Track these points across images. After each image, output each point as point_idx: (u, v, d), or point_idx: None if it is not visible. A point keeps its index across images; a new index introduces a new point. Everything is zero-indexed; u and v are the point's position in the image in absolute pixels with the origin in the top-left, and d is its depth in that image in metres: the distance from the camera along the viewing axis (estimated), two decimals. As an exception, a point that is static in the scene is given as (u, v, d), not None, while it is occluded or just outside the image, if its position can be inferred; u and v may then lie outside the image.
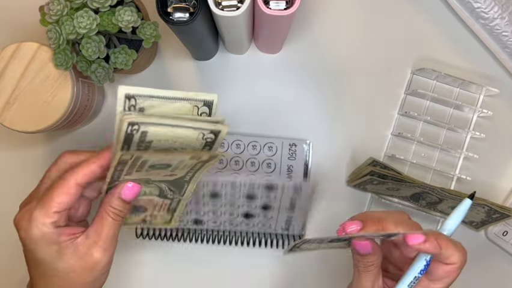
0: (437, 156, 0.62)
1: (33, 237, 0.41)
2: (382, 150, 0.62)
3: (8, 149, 0.63)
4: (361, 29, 0.62)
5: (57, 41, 0.49)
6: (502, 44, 0.59)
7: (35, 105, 0.51)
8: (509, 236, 0.60)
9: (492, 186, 0.61)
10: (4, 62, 0.51)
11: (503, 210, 0.54)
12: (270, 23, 0.50)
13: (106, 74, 0.52)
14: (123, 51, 0.52)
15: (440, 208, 0.59)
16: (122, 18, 0.48)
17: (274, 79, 0.62)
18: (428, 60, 0.62)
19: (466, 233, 0.61)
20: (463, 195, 0.53)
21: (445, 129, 0.61)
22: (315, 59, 0.62)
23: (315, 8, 0.62)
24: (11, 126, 0.52)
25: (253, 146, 0.60)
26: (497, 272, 0.61)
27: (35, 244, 0.41)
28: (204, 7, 0.46)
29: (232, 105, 0.62)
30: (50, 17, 0.48)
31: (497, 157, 0.61)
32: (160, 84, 0.62)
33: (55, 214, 0.41)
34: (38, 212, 0.41)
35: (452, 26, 0.62)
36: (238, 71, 0.62)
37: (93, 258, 0.42)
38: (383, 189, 0.58)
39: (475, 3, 0.57)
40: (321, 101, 0.62)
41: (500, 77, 0.62)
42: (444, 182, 0.61)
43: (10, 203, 0.63)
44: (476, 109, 0.60)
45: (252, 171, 0.61)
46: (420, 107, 0.62)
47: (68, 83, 0.52)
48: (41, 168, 0.63)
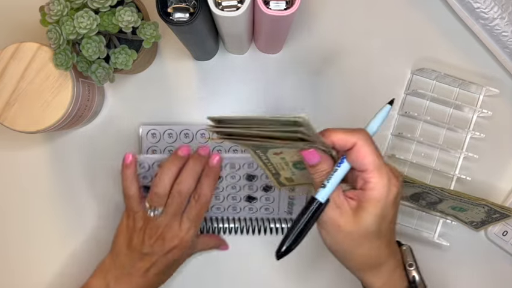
0: (437, 156, 0.62)
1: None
2: (382, 150, 0.62)
3: (8, 149, 0.63)
4: (361, 29, 0.62)
5: (57, 41, 0.49)
6: (502, 44, 0.59)
7: (35, 105, 0.51)
8: (509, 236, 0.60)
9: (492, 186, 0.61)
10: (4, 62, 0.51)
11: (503, 210, 0.54)
12: (270, 23, 0.50)
13: (106, 74, 0.52)
14: (123, 51, 0.52)
15: (440, 208, 0.59)
16: (123, 18, 0.48)
17: (274, 79, 0.62)
18: (428, 60, 0.62)
19: (466, 233, 0.61)
20: (462, 195, 0.53)
21: (445, 129, 0.62)
22: (315, 59, 0.62)
23: (315, 8, 0.62)
24: (11, 126, 0.52)
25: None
26: (497, 272, 0.61)
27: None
28: (204, 7, 0.46)
29: (232, 105, 0.62)
30: (50, 17, 0.48)
31: (497, 157, 0.61)
32: (160, 84, 0.62)
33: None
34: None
35: (452, 26, 0.62)
36: (238, 71, 0.62)
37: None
38: (383, 189, 0.58)
39: (475, 3, 0.57)
40: (321, 101, 0.62)
41: (500, 77, 0.62)
42: (444, 182, 0.61)
43: (10, 203, 0.63)
44: (476, 109, 0.60)
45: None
46: (420, 107, 0.62)
47: (68, 83, 0.52)
48: (41, 168, 0.63)
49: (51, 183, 0.62)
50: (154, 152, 0.60)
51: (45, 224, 0.62)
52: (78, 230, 0.62)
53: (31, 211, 0.62)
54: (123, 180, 0.54)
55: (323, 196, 0.41)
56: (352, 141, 0.40)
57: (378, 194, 0.40)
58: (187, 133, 0.60)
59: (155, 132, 0.60)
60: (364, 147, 0.40)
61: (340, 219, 0.41)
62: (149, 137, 0.60)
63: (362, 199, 0.41)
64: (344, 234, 0.42)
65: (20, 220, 0.62)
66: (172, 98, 0.62)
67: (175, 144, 0.61)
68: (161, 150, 0.60)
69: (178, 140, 0.60)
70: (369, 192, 0.40)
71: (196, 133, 0.60)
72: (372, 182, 0.40)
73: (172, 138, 0.60)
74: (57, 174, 0.62)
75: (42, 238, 0.62)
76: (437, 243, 0.61)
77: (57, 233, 0.62)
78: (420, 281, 0.45)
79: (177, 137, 0.60)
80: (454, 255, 0.61)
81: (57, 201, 0.62)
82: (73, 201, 0.62)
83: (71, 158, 0.62)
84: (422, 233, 0.61)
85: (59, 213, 0.62)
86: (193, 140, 0.60)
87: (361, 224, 0.41)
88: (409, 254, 0.47)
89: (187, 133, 0.60)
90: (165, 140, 0.60)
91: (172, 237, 0.52)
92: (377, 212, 0.40)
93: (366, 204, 0.41)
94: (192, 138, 0.60)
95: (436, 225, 0.62)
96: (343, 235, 0.42)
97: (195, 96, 0.62)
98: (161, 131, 0.60)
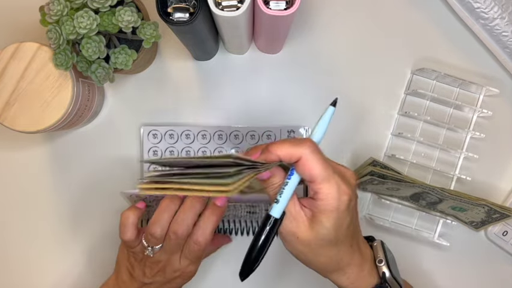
0: (437, 156, 0.62)
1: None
2: (382, 150, 0.62)
3: (8, 149, 0.63)
4: (361, 29, 0.62)
5: (57, 41, 0.49)
6: (502, 44, 0.58)
7: (35, 105, 0.51)
8: (509, 236, 0.60)
9: (492, 186, 0.61)
10: (4, 62, 0.51)
11: (503, 210, 0.54)
12: (270, 23, 0.50)
13: (106, 74, 0.52)
14: (123, 51, 0.52)
15: (440, 208, 0.59)
16: (123, 18, 0.48)
17: (274, 79, 0.62)
18: (428, 60, 0.62)
19: (466, 233, 0.61)
20: (462, 195, 0.53)
21: (445, 129, 0.61)
22: (315, 59, 0.62)
23: (315, 8, 0.62)
24: (11, 126, 0.52)
25: (252, 136, 0.61)
26: (497, 272, 0.61)
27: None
28: (204, 7, 0.46)
29: (232, 105, 0.62)
30: (50, 17, 0.48)
31: (497, 157, 0.61)
32: (160, 84, 0.62)
33: None
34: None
35: (452, 26, 0.62)
36: (238, 71, 0.62)
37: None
38: (383, 189, 0.58)
39: (475, 3, 0.57)
40: (321, 101, 0.62)
41: (500, 77, 0.62)
42: (444, 182, 0.61)
43: (10, 203, 0.63)
44: (476, 109, 0.60)
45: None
46: (420, 107, 0.62)
47: (68, 83, 0.52)
48: (41, 168, 0.63)
49: (51, 183, 0.62)
50: (155, 152, 0.61)
51: (45, 224, 0.62)
52: (78, 230, 0.62)
53: (31, 211, 0.62)
54: (121, 224, 0.50)
55: (277, 212, 0.41)
56: (297, 155, 0.40)
57: (328, 205, 0.40)
58: (188, 134, 0.60)
59: (156, 133, 0.60)
60: (309, 160, 0.39)
61: (297, 230, 0.41)
62: (151, 137, 0.60)
63: (315, 209, 0.41)
64: (302, 244, 0.42)
65: (20, 220, 0.62)
66: (172, 98, 0.62)
67: (176, 144, 0.61)
68: (162, 151, 0.61)
69: (179, 140, 0.60)
70: (319, 202, 0.40)
71: (197, 134, 0.60)
72: (321, 193, 0.40)
73: (173, 139, 0.60)
74: (57, 174, 0.62)
75: (42, 238, 0.62)
76: (437, 243, 0.61)
77: (57, 233, 0.62)
78: (390, 277, 0.44)
79: (178, 137, 0.60)
80: (454, 255, 0.61)
81: (57, 201, 0.62)
82: (73, 201, 0.62)
83: (71, 158, 0.62)
84: (422, 233, 0.61)
85: (59, 214, 0.62)
86: (194, 141, 0.61)
87: (317, 234, 0.41)
88: (380, 250, 0.46)
89: (188, 134, 0.60)
90: (166, 141, 0.60)
91: (173, 271, 0.51)
92: (330, 223, 0.40)
93: (319, 215, 0.40)
94: (193, 139, 0.60)
95: (436, 225, 0.62)
96: (302, 245, 0.42)
97: (195, 96, 0.62)
98: (162, 132, 0.60)
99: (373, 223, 0.61)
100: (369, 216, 0.61)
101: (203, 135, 0.60)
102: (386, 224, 0.61)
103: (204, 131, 0.60)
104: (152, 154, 0.61)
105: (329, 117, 0.43)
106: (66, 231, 0.62)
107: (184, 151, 0.61)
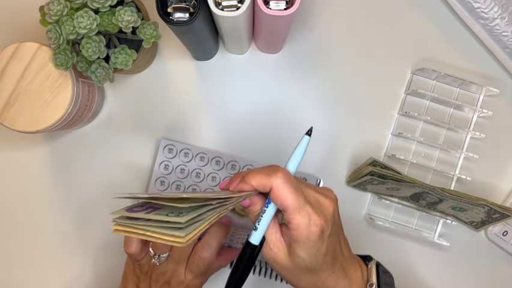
0: (437, 156, 0.62)
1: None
2: (382, 150, 0.62)
3: (8, 149, 0.63)
4: (361, 29, 0.62)
5: (57, 41, 0.49)
6: (502, 44, 0.59)
7: (35, 105, 0.51)
8: (509, 236, 0.60)
9: (492, 186, 0.61)
10: (4, 62, 0.51)
11: (503, 210, 0.54)
12: (270, 23, 0.50)
13: (106, 74, 0.52)
14: (123, 51, 0.52)
15: (440, 208, 0.59)
16: (122, 18, 0.48)
17: (275, 79, 0.62)
18: (428, 60, 0.62)
19: (466, 233, 0.61)
20: (462, 195, 0.53)
21: (445, 129, 0.61)
22: (315, 59, 0.62)
23: (315, 8, 0.62)
24: (11, 126, 0.52)
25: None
26: (497, 272, 0.61)
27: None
28: (204, 7, 0.46)
29: (232, 105, 0.62)
30: (50, 17, 0.48)
31: (497, 157, 0.61)
32: (160, 84, 0.62)
33: None
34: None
35: (452, 26, 0.62)
36: (238, 71, 0.62)
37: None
38: (383, 189, 0.58)
39: (475, 3, 0.57)
40: (321, 100, 0.62)
41: (500, 77, 0.62)
42: (444, 182, 0.61)
43: (10, 203, 0.63)
44: (476, 109, 0.60)
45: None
46: (420, 107, 0.62)
47: (68, 83, 0.52)
48: (41, 168, 0.63)
49: (52, 184, 0.62)
50: (166, 167, 0.60)
51: (45, 224, 0.62)
52: (78, 230, 0.62)
53: (31, 211, 0.62)
54: (125, 237, 0.50)
55: (256, 239, 0.42)
56: (269, 185, 0.40)
57: (300, 235, 0.40)
58: (203, 157, 0.60)
59: (173, 148, 0.60)
60: (281, 190, 0.40)
61: (275, 257, 0.42)
62: (166, 151, 0.60)
63: (290, 238, 0.41)
64: (283, 269, 0.42)
65: (20, 220, 0.62)
66: (172, 98, 0.62)
67: (188, 164, 0.60)
68: (174, 167, 0.60)
69: (193, 160, 0.60)
70: (292, 232, 0.41)
71: (212, 159, 0.60)
72: (293, 223, 0.40)
73: (188, 158, 0.60)
74: (57, 174, 0.62)
75: (41, 238, 0.62)
76: (437, 243, 0.61)
77: (57, 233, 0.62)
78: None
79: (193, 157, 0.60)
80: (454, 255, 0.61)
81: (57, 201, 0.62)
82: (73, 201, 0.62)
83: (71, 158, 0.62)
84: (422, 233, 0.61)
85: (58, 214, 0.62)
86: (207, 164, 0.60)
87: (293, 262, 0.41)
88: (373, 272, 0.45)
89: (203, 157, 0.60)
90: (180, 158, 0.60)
91: (178, 283, 0.51)
92: (303, 252, 0.41)
93: (293, 244, 0.41)
94: (206, 162, 0.60)
95: (436, 225, 0.62)
96: (283, 270, 0.42)
97: (195, 96, 0.62)
98: (178, 148, 0.60)
99: (373, 223, 0.61)
100: (369, 216, 0.61)
101: (217, 162, 0.60)
102: (386, 224, 0.61)
103: (219, 157, 0.60)
104: (163, 168, 0.61)
105: (304, 146, 0.43)
106: (66, 230, 0.62)
107: (195, 172, 0.60)
